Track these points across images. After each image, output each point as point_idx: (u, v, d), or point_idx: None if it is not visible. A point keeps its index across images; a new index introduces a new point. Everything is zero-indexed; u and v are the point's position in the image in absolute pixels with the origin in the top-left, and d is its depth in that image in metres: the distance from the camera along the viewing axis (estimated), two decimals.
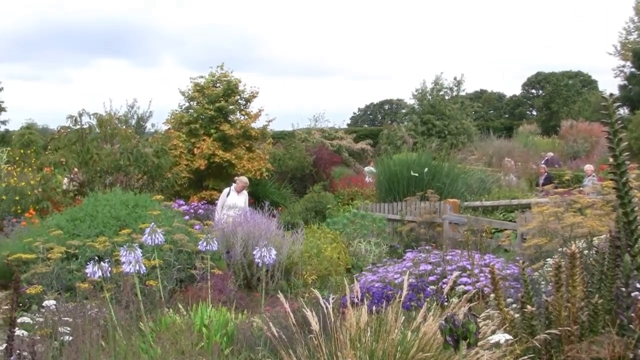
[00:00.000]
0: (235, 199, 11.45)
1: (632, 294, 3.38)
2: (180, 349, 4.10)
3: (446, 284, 5.53)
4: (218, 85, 17.40)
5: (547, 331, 3.43)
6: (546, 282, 5.24)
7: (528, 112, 56.46)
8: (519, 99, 58.42)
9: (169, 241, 6.94)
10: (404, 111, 41.80)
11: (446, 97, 34.43)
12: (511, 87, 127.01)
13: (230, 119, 17.27)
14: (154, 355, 4.12)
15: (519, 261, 4.83)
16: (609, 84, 70.80)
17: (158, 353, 4.04)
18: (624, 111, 30.24)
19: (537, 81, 54.64)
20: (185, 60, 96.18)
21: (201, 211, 12.80)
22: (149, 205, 8.39)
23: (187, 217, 11.08)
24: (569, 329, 3.41)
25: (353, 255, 10.46)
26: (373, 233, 11.32)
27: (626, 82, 32.77)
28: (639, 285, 3.44)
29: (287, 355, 3.91)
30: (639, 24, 37.12)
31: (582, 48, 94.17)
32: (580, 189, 7.93)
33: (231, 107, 17.14)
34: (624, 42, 37.35)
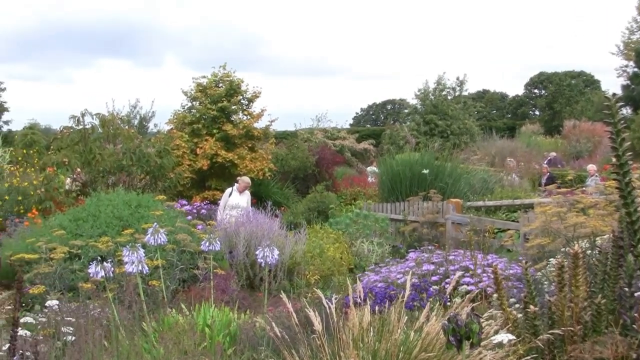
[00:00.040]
0: (238, 199, 11.45)
1: (635, 294, 3.37)
2: (183, 349, 4.11)
3: (449, 284, 5.52)
4: (220, 85, 17.39)
5: (550, 331, 3.42)
6: (549, 282, 5.22)
7: (531, 112, 56.43)
8: (521, 99, 58.39)
9: (171, 241, 6.94)
10: (406, 111, 41.81)
11: (449, 97, 34.38)
12: (514, 87, 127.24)
13: (232, 119, 17.27)
14: (156, 355, 4.12)
15: (522, 261, 4.83)
16: (612, 83, 70.88)
17: (161, 353, 4.04)
18: (626, 111, 30.22)
19: (540, 81, 54.63)
20: (188, 60, 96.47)
21: (204, 211, 12.81)
22: (151, 205, 8.39)
23: (189, 217, 11.09)
24: (572, 329, 3.41)
25: (356, 255, 10.45)
26: (376, 233, 11.31)
27: (629, 81, 32.75)
28: None
29: (290, 356, 3.90)
30: None
31: (585, 48, 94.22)
32: (583, 189, 7.92)
33: (234, 107, 17.14)
34: (627, 42, 37.29)
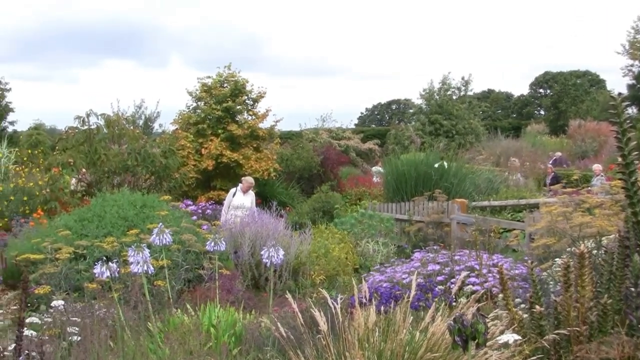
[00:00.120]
0: (242, 199, 11.46)
1: None
2: (189, 349, 4.11)
3: (454, 284, 5.51)
4: (225, 85, 17.41)
5: (556, 331, 3.42)
6: (555, 282, 5.22)
7: (536, 111, 56.35)
8: (526, 99, 58.31)
9: (176, 241, 6.95)
10: (411, 111, 41.76)
11: (454, 97, 34.41)
12: (519, 87, 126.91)
13: (237, 119, 17.27)
14: (162, 355, 4.13)
15: (528, 261, 4.82)
16: (618, 83, 70.65)
17: (166, 353, 4.04)
18: (632, 110, 30.19)
19: (545, 81, 54.55)
20: (193, 60, 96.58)
21: (209, 211, 12.81)
22: (156, 205, 8.39)
23: (194, 217, 11.11)
24: (577, 329, 3.40)
25: (361, 255, 10.45)
26: (381, 233, 11.31)
27: (635, 81, 32.68)
28: None
29: (295, 356, 3.90)
30: None
31: (586, 48, 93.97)
32: (589, 188, 7.90)
33: (238, 107, 17.15)
34: (633, 41, 37.11)
